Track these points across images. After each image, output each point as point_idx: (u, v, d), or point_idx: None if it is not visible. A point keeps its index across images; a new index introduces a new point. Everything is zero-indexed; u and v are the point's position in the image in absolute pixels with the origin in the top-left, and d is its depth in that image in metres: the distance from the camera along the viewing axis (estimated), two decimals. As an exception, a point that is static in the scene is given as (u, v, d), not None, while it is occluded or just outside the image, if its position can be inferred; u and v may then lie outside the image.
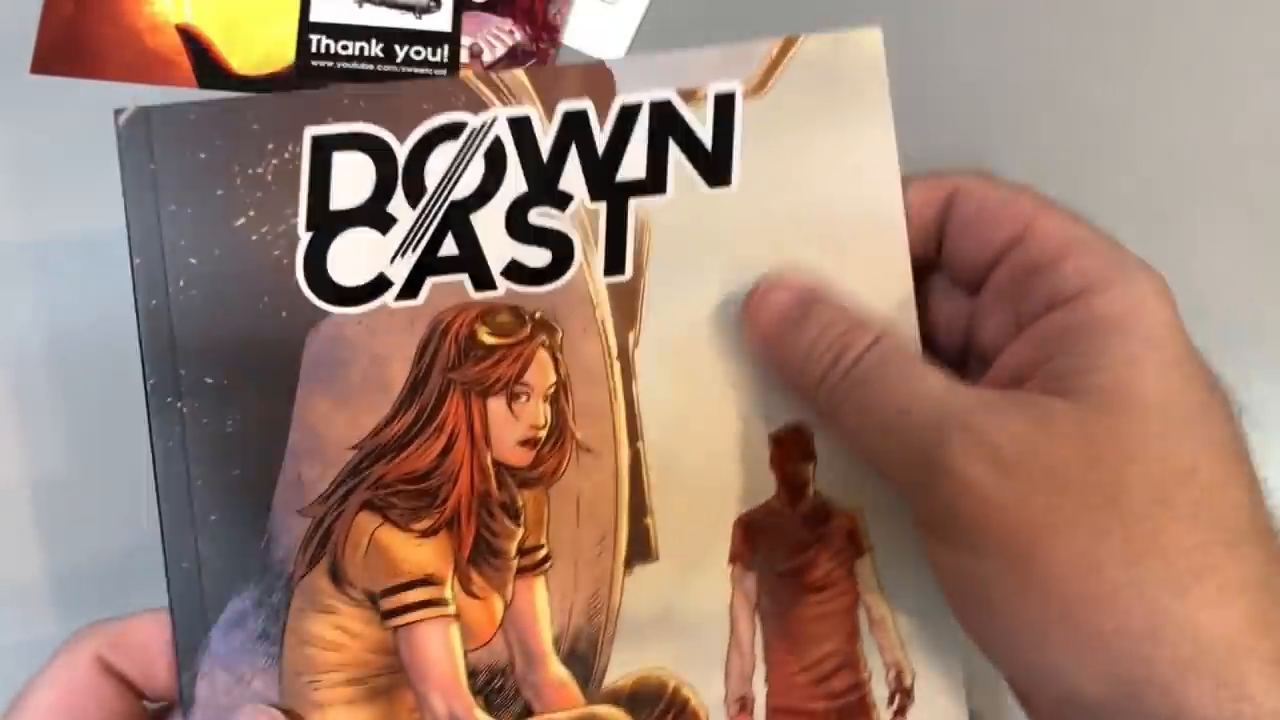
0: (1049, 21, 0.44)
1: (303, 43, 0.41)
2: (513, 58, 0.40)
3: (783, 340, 0.30)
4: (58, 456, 0.39)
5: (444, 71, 0.40)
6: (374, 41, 0.41)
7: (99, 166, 0.38)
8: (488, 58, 0.40)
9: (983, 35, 0.44)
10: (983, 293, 0.31)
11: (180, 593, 0.30)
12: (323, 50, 0.41)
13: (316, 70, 0.40)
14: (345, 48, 0.40)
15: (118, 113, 0.30)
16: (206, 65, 0.41)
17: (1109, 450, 0.25)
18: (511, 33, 0.40)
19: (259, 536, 0.30)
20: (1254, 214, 0.43)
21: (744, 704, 0.31)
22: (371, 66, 0.40)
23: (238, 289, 0.30)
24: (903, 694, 0.32)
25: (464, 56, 0.40)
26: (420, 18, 0.40)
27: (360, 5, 0.40)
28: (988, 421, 0.26)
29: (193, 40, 0.41)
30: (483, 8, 0.41)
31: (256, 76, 0.41)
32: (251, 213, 0.30)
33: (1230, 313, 0.42)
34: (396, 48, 0.41)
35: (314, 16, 0.41)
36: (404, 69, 0.40)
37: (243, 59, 0.41)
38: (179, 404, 0.30)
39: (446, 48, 0.40)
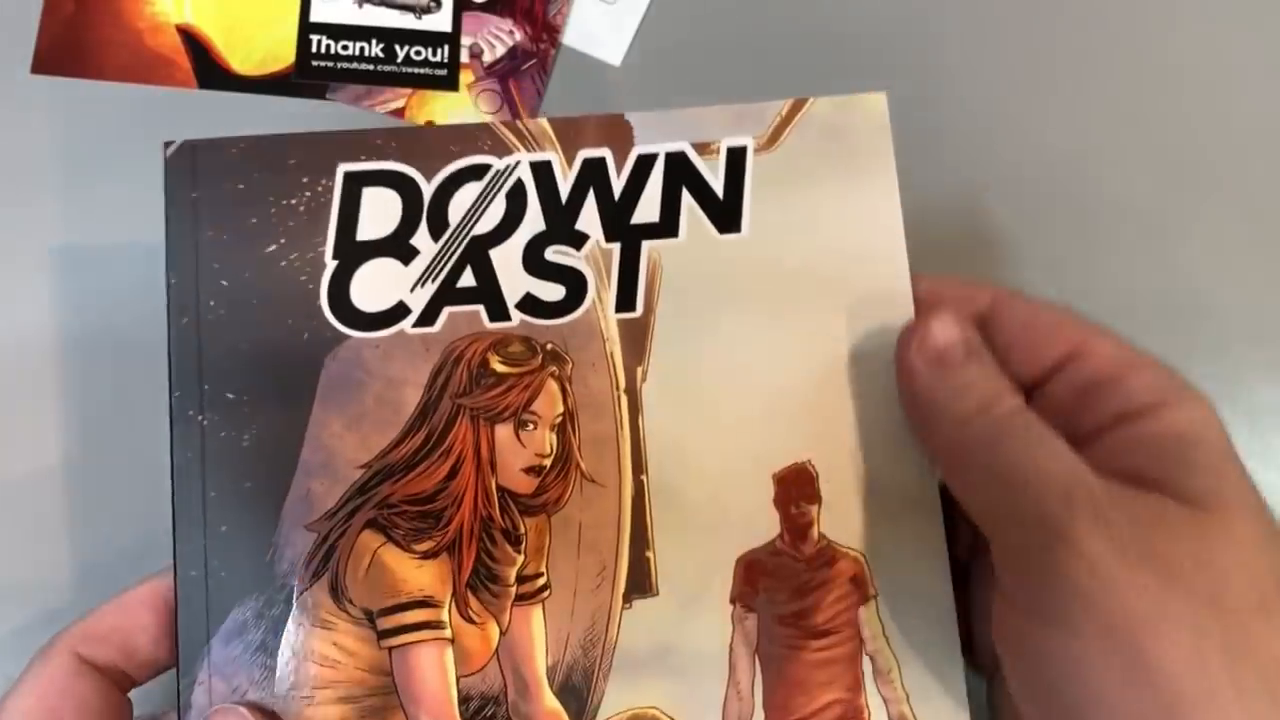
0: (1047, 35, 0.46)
1: (303, 43, 0.42)
2: (512, 58, 0.42)
3: (939, 373, 0.30)
4: (63, 453, 0.40)
5: (444, 72, 0.41)
6: (374, 42, 0.42)
7: (99, 166, 0.41)
8: (488, 58, 0.41)
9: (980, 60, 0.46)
10: (1031, 405, 0.31)
11: (187, 600, 0.30)
12: (323, 50, 0.41)
13: (316, 70, 0.41)
14: (345, 48, 0.41)
15: (166, 144, 0.33)
16: (207, 65, 0.42)
17: (1219, 552, 0.26)
18: (511, 33, 0.42)
19: (266, 549, 0.31)
20: (1254, 214, 0.43)
21: (741, 750, 0.31)
22: (371, 67, 0.41)
23: (264, 310, 0.32)
24: (908, 749, 0.31)
25: (464, 57, 0.41)
26: (420, 18, 0.41)
27: (360, 6, 0.42)
28: (1115, 504, 0.27)
29: (193, 40, 0.42)
30: (483, 8, 0.42)
31: (257, 77, 0.42)
32: (282, 240, 0.32)
33: (1230, 313, 0.42)
34: (397, 48, 0.42)
35: (314, 17, 0.42)
36: (404, 69, 0.41)
37: (243, 59, 0.42)
38: (200, 417, 0.31)
39: (446, 48, 0.41)
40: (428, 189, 0.33)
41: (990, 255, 0.43)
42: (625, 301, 0.33)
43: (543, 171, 0.33)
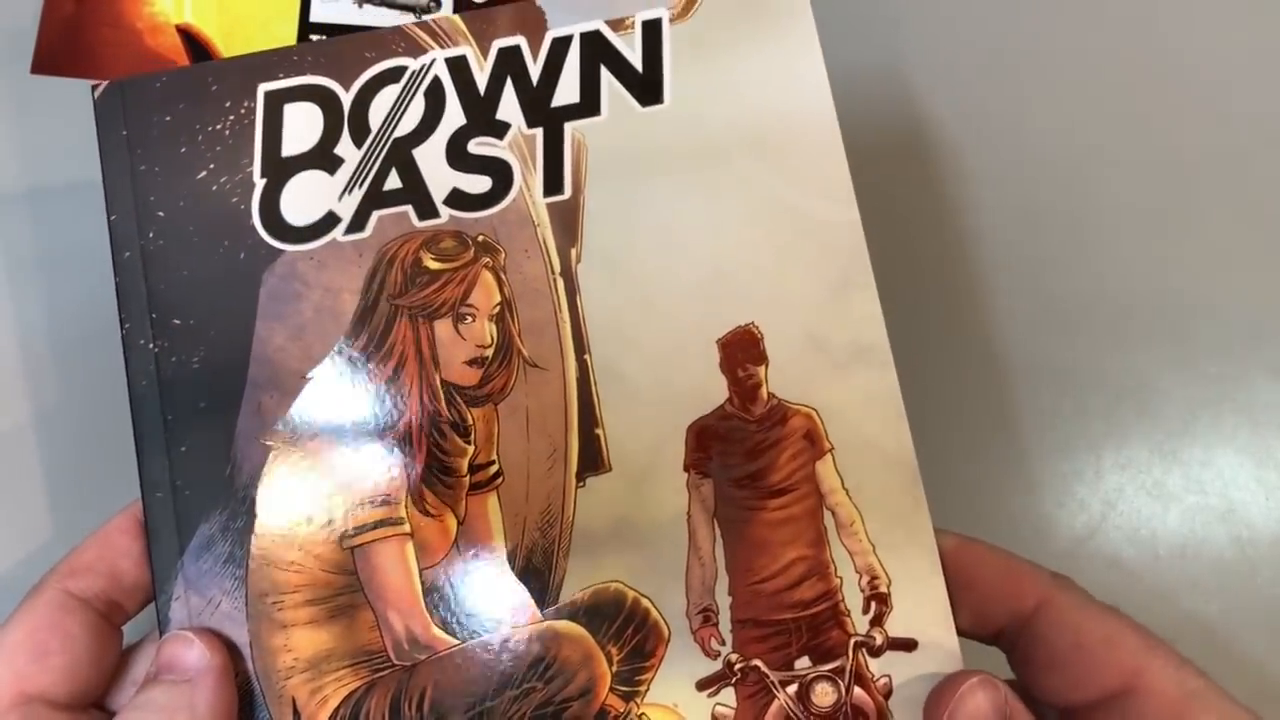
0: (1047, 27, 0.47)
1: (303, 43, 0.43)
2: None
3: None
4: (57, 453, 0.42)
5: None
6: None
7: (99, 167, 0.43)
8: None
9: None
10: None
11: (156, 520, 0.33)
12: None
13: None
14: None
15: (94, 86, 0.35)
16: None
17: None
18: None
19: (225, 464, 0.33)
20: (1254, 214, 0.44)
21: (708, 615, 0.32)
22: None
23: (200, 236, 0.34)
24: (879, 601, 0.32)
25: None
26: (420, 18, 0.43)
27: (360, 5, 0.44)
28: None
29: (193, 41, 0.44)
30: (482, 8, 0.44)
31: None
32: (211, 165, 0.34)
33: (1230, 313, 0.43)
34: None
35: (314, 17, 0.44)
36: None
37: None
38: (151, 345, 0.33)
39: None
40: (346, 98, 0.34)
41: (990, 256, 0.45)
42: (553, 185, 0.34)
43: (458, 66, 0.34)
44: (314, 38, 0.44)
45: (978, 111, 0.46)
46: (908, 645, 0.31)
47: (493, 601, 0.32)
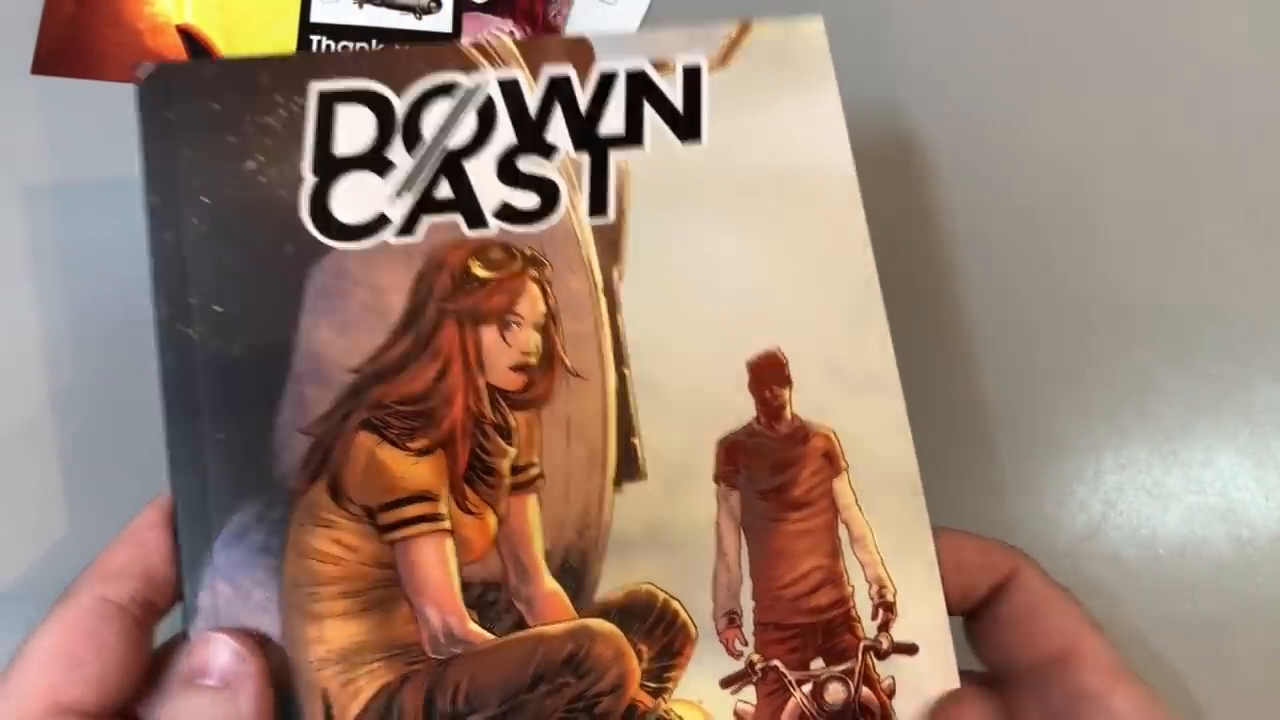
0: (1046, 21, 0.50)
1: (303, 43, 0.45)
2: None
3: None
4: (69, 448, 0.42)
5: None
6: (374, 42, 0.46)
7: (99, 166, 0.44)
8: None
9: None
10: (1014, 687, 0.35)
11: (185, 507, 0.33)
12: (323, 51, 0.45)
13: None
14: (345, 49, 0.45)
15: (140, 67, 0.36)
16: None
17: None
18: (511, 33, 0.46)
19: (262, 454, 0.34)
20: (1254, 214, 0.47)
21: (732, 618, 0.35)
22: None
23: (246, 224, 0.35)
24: (886, 608, 0.36)
25: None
26: (420, 18, 0.45)
27: (360, 6, 0.45)
28: None
29: (193, 41, 0.45)
30: (483, 8, 0.46)
31: None
32: (260, 157, 0.36)
33: (1231, 313, 0.46)
34: (397, 49, 0.45)
35: (314, 17, 0.45)
36: None
37: None
38: (189, 330, 0.34)
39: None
40: (400, 105, 0.37)
41: (990, 256, 0.47)
42: (598, 207, 0.37)
43: (510, 88, 0.37)
44: (314, 38, 0.46)
45: (974, 112, 0.48)
46: (910, 650, 0.36)
47: (530, 599, 0.34)
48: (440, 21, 0.47)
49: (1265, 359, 0.46)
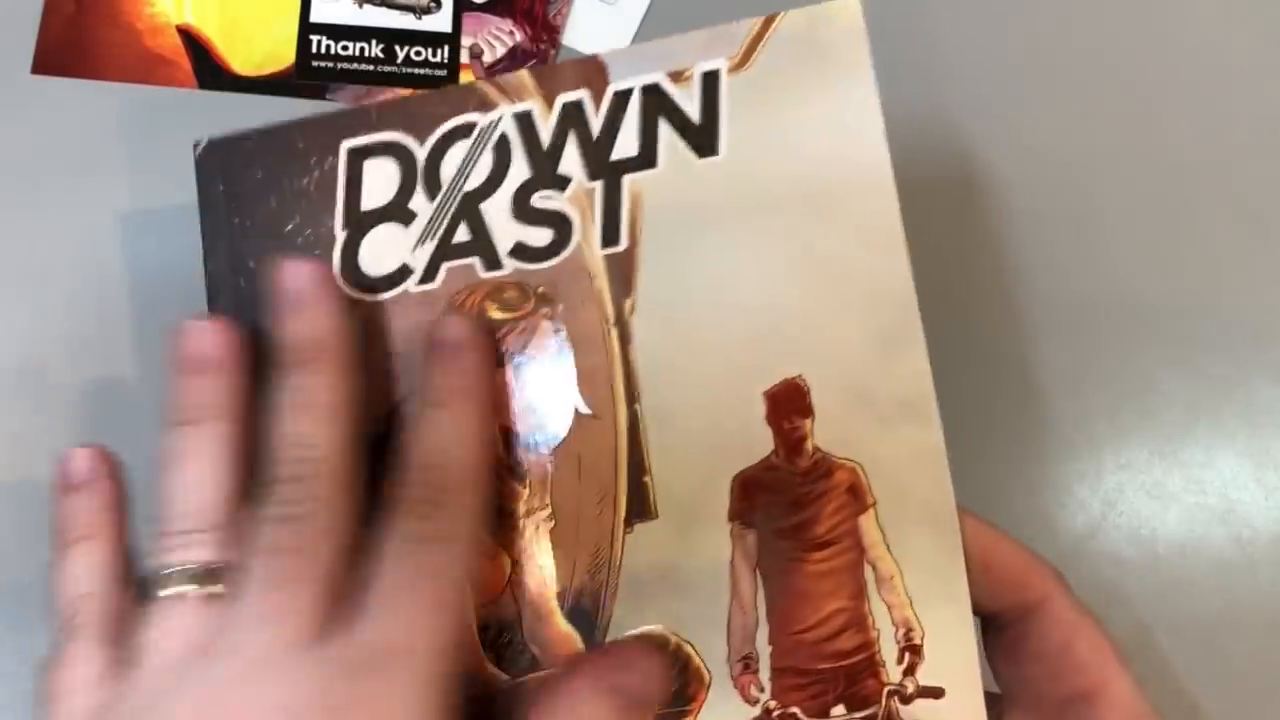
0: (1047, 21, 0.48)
1: (303, 43, 0.46)
2: (513, 58, 0.46)
3: None
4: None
5: (444, 73, 0.46)
6: (374, 42, 0.46)
7: (98, 166, 0.46)
8: (488, 58, 0.46)
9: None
10: (1033, 717, 0.34)
11: None
12: (323, 51, 0.46)
13: (316, 71, 0.46)
14: (345, 48, 0.46)
15: (196, 144, 0.39)
16: (207, 66, 0.46)
17: None
18: (512, 33, 0.46)
19: (301, 500, 0.37)
20: (1254, 214, 0.46)
21: (748, 663, 0.34)
22: (372, 67, 0.46)
23: (287, 285, 0.38)
24: (912, 652, 0.33)
25: (464, 57, 0.45)
26: (420, 19, 0.45)
27: (360, 6, 0.46)
28: None
29: (193, 41, 0.46)
30: (483, 8, 0.46)
31: (257, 77, 0.46)
32: (297, 218, 0.38)
33: (1230, 313, 0.45)
34: (397, 48, 0.46)
35: (314, 17, 0.46)
36: (404, 70, 0.46)
37: (243, 60, 0.46)
38: (240, 386, 0.38)
39: (447, 48, 0.46)
40: (421, 153, 0.38)
41: (989, 257, 0.46)
42: (610, 237, 0.36)
43: (524, 121, 0.37)
44: (314, 38, 0.46)
45: (981, 113, 0.47)
46: (936, 694, 0.33)
47: (543, 640, 0.35)
48: (440, 21, 0.46)
49: (1265, 360, 0.46)
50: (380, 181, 0.38)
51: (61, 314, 0.46)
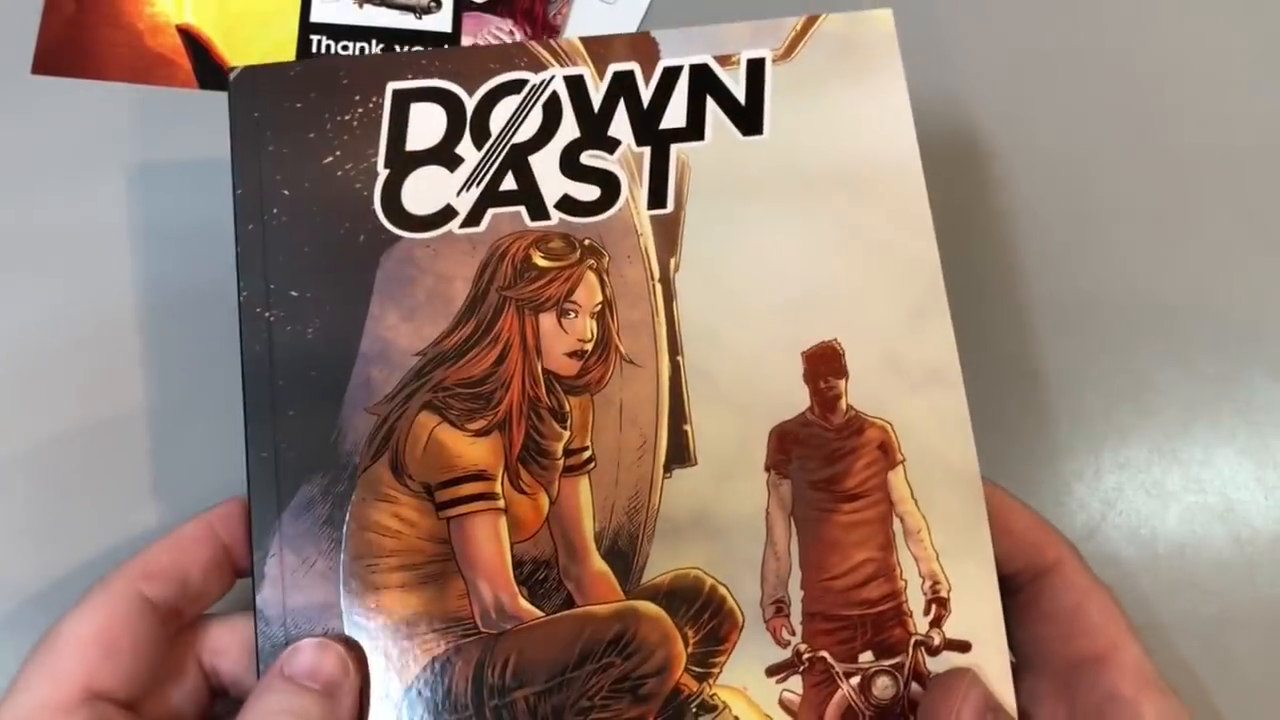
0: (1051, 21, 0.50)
1: (303, 43, 0.46)
2: None
3: None
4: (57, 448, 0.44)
5: None
6: (374, 42, 0.46)
7: (99, 166, 0.45)
8: None
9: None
10: (1044, 678, 0.36)
11: (258, 480, 0.36)
12: (323, 51, 0.46)
13: None
14: (345, 48, 0.46)
15: (230, 70, 0.39)
16: (207, 66, 0.46)
17: None
18: (512, 33, 0.47)
19: (330, 431, 0.36)
20: (1254, 214, 0.48)
21: (780, 606, 0.36)
22: None
23: (323, 216, 0.37)
24: (939, 604, 0.36)
25: None
26: (420, 18, 0.46)
27: (360, 6, 0.46)
28: None
29: (193, 41, 0.46)
30: (483, 8, 0.47)
31: None
32: (338, 152, 0.38)
33: (1229, 313, 0.46)
34: (397, 48, 0.46)
35: (314, 17, 0.46)
36: None
37: (243, 59, 0.45)
38: (267, 313, 0.37)
39: (447, 48, 0.46)
40: (470, 102, 0.39)
41: (989, 256, 0.48)
42: (657, 199, 0.38)
43: (576, 84, 0.39)
44: (314, 38, 0.47)
45: (980, 114, 0.49)
46: (962, 646, 0.36)
47: (579, 578, 0.36)
48: (440, 21, 0.47)
49: (1264, 359, 0.47)
50: (427, 126, 0.39)
51: (62, 313, 0.45)
